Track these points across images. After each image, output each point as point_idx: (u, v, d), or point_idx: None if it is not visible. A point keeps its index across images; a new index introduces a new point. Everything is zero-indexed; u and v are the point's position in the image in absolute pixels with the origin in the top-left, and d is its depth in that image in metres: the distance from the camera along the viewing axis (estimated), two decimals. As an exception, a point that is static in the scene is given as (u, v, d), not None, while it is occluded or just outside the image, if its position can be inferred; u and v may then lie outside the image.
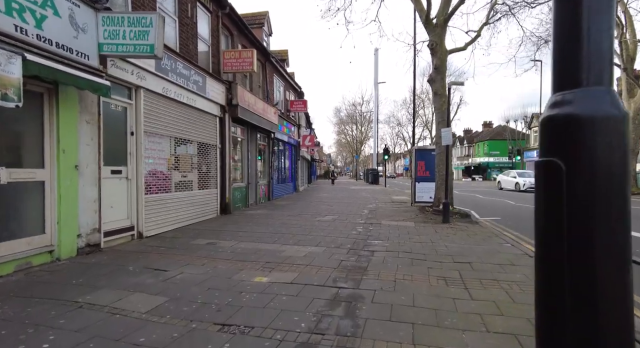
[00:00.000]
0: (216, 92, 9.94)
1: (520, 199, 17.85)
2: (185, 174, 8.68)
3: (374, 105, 42.91)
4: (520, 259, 5.70)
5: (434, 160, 12.09)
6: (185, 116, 8.57)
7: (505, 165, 54.20)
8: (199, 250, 6.07)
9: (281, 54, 22.60)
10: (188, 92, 8.46)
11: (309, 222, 9.44)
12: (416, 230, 8.30)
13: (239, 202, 11.95)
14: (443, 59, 10.74)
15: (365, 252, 6.08)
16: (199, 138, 9.30)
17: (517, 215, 11.94)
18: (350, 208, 13.10)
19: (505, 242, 7.10)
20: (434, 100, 11.00)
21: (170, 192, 8.00)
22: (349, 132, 66.07)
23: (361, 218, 10.32)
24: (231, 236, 7.33)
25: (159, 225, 7.41)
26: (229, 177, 10.77)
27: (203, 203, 9.43)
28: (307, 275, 4.69)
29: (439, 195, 11.01)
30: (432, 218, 10.11)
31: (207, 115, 9.67)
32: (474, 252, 6.21)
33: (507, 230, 8.98)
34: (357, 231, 8.15)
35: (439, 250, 6.33)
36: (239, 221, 9.40)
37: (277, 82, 17.46)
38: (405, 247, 6.54)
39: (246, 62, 10.53)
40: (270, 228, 8.34)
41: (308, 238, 7.22)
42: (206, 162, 9.86)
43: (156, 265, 5.03)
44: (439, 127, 10.84)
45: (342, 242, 6.91)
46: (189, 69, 8.42)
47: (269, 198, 15.43)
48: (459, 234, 7.92)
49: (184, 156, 8.66)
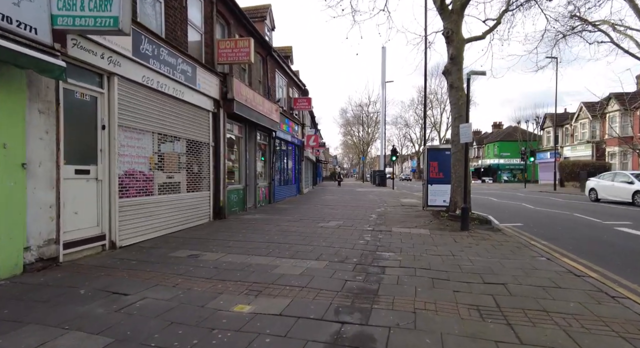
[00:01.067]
0: (209, 85, 9.01)
1: (542, 203, 16.66)
2: (172, 175, 7.75)
3: (381, 105, 41.83)
4: (565, 279, 4.64)
5: (449, 161, 11.03)
6: (172, 110, 7.64)
7: (516, 167, 52.71)
8: (176, 264, 5.11)
9: (285, 51, 21.70)
10: (175, 82, 7.54)
11: (311, 228, 8.45)
12: (432, 240, 7.27)
13: (235, 206, 11.01)
14: (460, 48, 9.70)
15: (374, 268, 5.07)
16: (188, 135, 8.37)
17: (539, 220, 10.83)
18: (356, 212, 12.08)
19: (539, 255, 6.04)
20: (450, 93, 9.97)
21: (153, 195, 7.07)
22: (355, 133, 65.12)
23: (369, 224, 9.30)
24: (219, 246, 6.36)
25: (137, 233, 6.47)
26: (223, 178, 9.83)
27: (193, 207, 8.49)
28: (302, 303, 3.70)
29: (456, 198, 9.95)
30: (449, 225, 9.06)
31: (198, 110, 8.75)
32: (505, 268, 5.16)
33: (535, 239, 7.92)
34: (365, 240, 7.14)
35: (463, 265, 5.30)
36: (232, 227, 8.44)
37: (279, 78, 16.53)
38: (422, 261, 5.51)
39: (242, 52, 9.61)
40: (266, 236, 7.37)
41: (308, 249, 6.23)
42: (197, 161, 8.93)
43: (116, 287, 4.07)
44: (456, 123, 9.79)
45: (347, 254, 5.90)
46: (176, 57, 7.50)
47: (269, 201, 14.47)
48: (482, 245, 6.87)
49: (170, 155, 7.74)
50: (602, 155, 33.05)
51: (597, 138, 33.83)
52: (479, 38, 10.13)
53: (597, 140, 33.71)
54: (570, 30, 20.13)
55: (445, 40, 9.82)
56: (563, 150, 38.10)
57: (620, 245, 7.22)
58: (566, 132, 38.98)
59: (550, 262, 5.57)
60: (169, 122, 7.58)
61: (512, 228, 9.31)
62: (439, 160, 12.36)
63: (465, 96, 9.58)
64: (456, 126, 9.73)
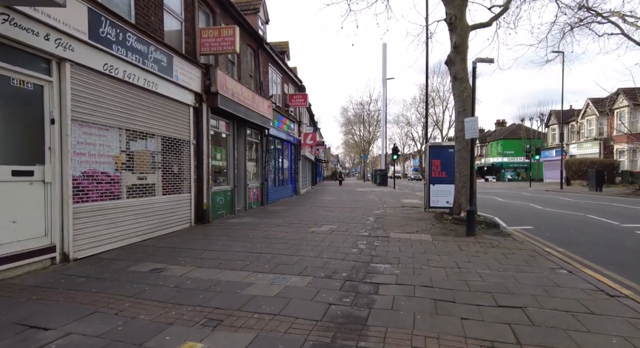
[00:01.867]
0: (188, 77, 8.21)
1: (550, 203, 15.79)
2: (144, 176, 6.96)
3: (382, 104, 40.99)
4: (598, 301, 3.82)
5: (452, 159, 10.20)
6: (143, 103, 6.86)
7: (520, 165, 51.71)
8: (131, 282, 4.32)
9: (281, 46, 20.90)
10: (146, 73, 6.75)
11: (300, 234, 7.65)
12: (435, 248, 6.45)
13: (222, 209, 10.21)
14: (464, 36, 8.87)
15: (366, 286, 4.27)
16: (164, 131, 7.59)
17: (550, 222, 9.99)
18: (353, 214, 11.28)
19: (558, 267, 5.22)
20: (454, 85, 9.14)
21: (120, 198, 6.28)
22: (356, 132, 64.30)
23: (365, 228, 8.49)
24: (191, 257, 5.57)
25: (98, 243, 5.69)
26: (207, 179, 9.04)
27: (169, 212, 7.70)
28: (269, 339, 2.90)
29: (460, 200, 9.12)
30: (453, 229, 8.23)
31: (176, 104, 7.96)
32: (522, 285, 4.35)
33: (549, 245, 7.10)
34: (359, 248, 6.34)
35: (471, 281, 4.49)
36: (212, 234, 7.65)
37: (273, 73, 15.71)
38: (423, 276, 4.70)
39: (227, 42, 8.81)
40: (247, 244, 6.57)
41: (291, 260, 5.42)
42: (177, 161, 8.15)
43: (39, 318, 3.28)
44: (460, 118, 8.96)
45: (336, 267, 5.10)
46: (147, 45, 6.71)
47: (262, 203, 13.67)
48: (491, 253, 6.05)
49: (142, 153, 6.95)
50: (609, 153, 32.07)
51: (605, 135, 32.85)
52: (485, 25, 9.29)
53: (605, 137, 32.72)
54: (579, 22, 19.30)
55: (448, 27, 8.99)
56: (569, 147, 37.12)
57: (649, 253, 6.38)
58: (572, 129, 37.98)
59: (573, 276, 4.75)
60: (140, 117, 6.79)
61: (522, 232, 8.48)
62: (442, 158, 11.53)
63: (470, 88, 8.75)
64: (460, 121, 8.90)
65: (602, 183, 23.13)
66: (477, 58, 7.18)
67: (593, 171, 23.87)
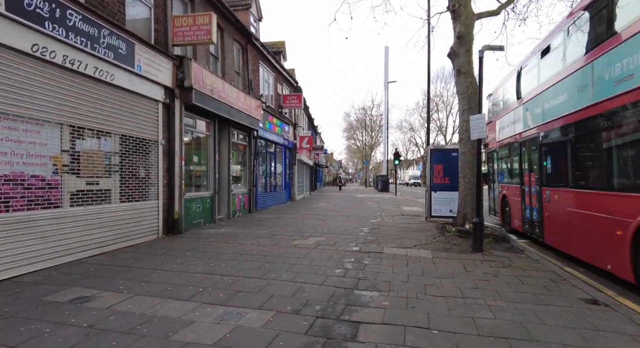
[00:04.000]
0: (156, 69, 7.26)
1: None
2: (95, 180, 5.98)
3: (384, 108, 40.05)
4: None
5: (456, 163, 9.17)
6: (94, 96, 5.89)
7: (526, 172, 50.35)
8: (33, 320, 3.30)
9: (277, 46, 20.02)
10: (97, 60, 5.80)
11: (280, 249, 6.61)
12: (435, 268, 5.39)
13: (199, 217, 9.19)
14: (468, 25, 7.87)
15: (342, 328, 3.22)
16: (124, 130, 6.61)
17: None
18: (347, 224, 10.22)
19: (590, 297, 4.16)
20: (458, 81, 8.12)
21: (60, 206, 5.29)
22: (359, 137, 63.34)
23: (357, 241, 7.44)
24: (134, 280, 4.55)
25: (22, 262, 4.69)
26: (179, 184, 8.04)
27: (130, 222, 6.70)
28: None
29: (465, 209, 8.05)
30: (457, 244, 7.16)
31: (140, 99, 7.00)
32: (547, 326, 3.29)
33: (570, 264, 6.01)
34: (344, 268, 5.29)
35: (480, 320, 3.43)
36: (177, 248, 6.62)
37: (264, 71, 14.78)
38: (418, 311, 3.65)
39: (202, 31, 7.87)
40: (211, 262, 5.54)
41: (257, 286, 4.39)
42: (143, 163, 7.17)
43: None
44: (464, 117, 7.93)
45: (309, 296, 4.05)
46: (99, 28, 5.76)
47: (249, 210, 12.64)
48: (503, 276, 4.99)
49: (93, 154, 5.97)
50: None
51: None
52: (492, 13, 8.28)
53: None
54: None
55: (452, 16, 8.00)
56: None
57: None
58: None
59: (613, 313, 3.67)
60: (90, 111, 5.82)
61: (535, 247, 7.39)
62: (444, 162, 10.50)
63: (476, 83, 7.73)
64: (465, 120, 7.87)
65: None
66: (485, 45, 6.18)
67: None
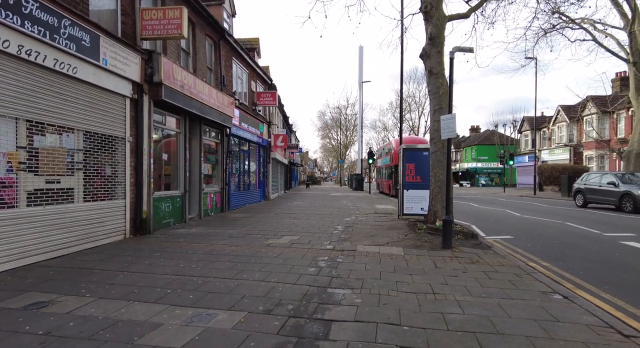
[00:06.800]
0: (124, 63, 6.97)
1: (527, 210, 15.30)
2: (56, 179, 5.67)
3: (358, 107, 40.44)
4: (611, 345, 2.93)
5: (427, 162, 9.38)
6: (54, 89, 5.58)
7: (494, 171, 52.36)
8: (-16, 328, 3.09)
9: (251, 42, 19.76)
10: (57, 51, 5.49)
11: (253, 248, 6.53)
12: (406, 264, 5.49)
13: (168, 217, 8.92)
14: (440, 26, 8.06)
15: (314, 327, 3.22)
16: (88, 126, 6.31)
17: (530, 231, 9.29)
18: (322, 222, 10.24)
19: (550, 290, 4.36)
20: (429, 81, 8.29)
21: (15, 206, 4.98)
22: (334, 136, 63.68)
23: (331, 240, 7.46)
24: (98, 283, 4.35)
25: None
26: (147, 183, 7.77)
27: (95, 222, 6.41)
28: None
29: (435, 207, 8.25)
30: (427, 241, 7.33)
31: (105, 94, 6.69)
32: (512, 319, 3.42)
33: (533, 259, 6.31)
34: (317, 267, 5.29)
35: (449, 315, 3.52)
36: (145, 248, 6.40)
37: (237, 68, 14.53)
38: (389, 307, 3.70)
39: (172, 25, 7.62)
40: (181, 263, 5.39)
41: (227, 287, 4.30)
42: (109, 161, 6.87)
43: None
44: (435, 117, 8.12)
45: (282, 296, 4.02)
46: (59, 17, 5.45)
47: (222, 210, 12.40)
48: (471, 271, 5.16)
49: (54, 151, 5.65)
50: (579, 159, 32.60)
51: (575, 141, 33.42)
52: (463, 16, 8.53)
53: (575, 144, 33.28)
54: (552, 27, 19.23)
55: (424, 17, 8.16)
56: (541, 153, 37.63)
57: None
58: (544, 136, 38.58)
59: (571, 305, 3.87)
60: (51, 106, 5.50)
61: (502, 243, 7.69)
62: (416, 161, 10.72)
63: (447, 84, 7.94)
64: (436, 120, 8.06)
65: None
66: (455, 47, 6.34)
67: (565, 177, 23.91)
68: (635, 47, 18.39)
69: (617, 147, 23.91)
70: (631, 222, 11.16)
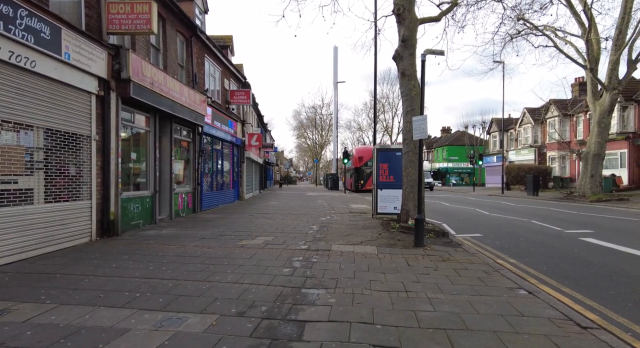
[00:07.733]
0: (88, 58, 6.66)
1: (495, 208, 15.88)
2: (13, 179, 5.34)
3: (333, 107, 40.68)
4: (569, 336, 3.09)
5: (400, 163, 9.55)
6: (10, 84, 5.25)
7: (464, 171, 54.06)
8: None
9: (224, 40, 19.43)
10: (13, 43, 5.17)
11: (226, 250, 6.41)
12: (380, 263, 5.57)
13: (138, 218, 8.61)
14: (412, 29, 8.22)
15: (288, 328, 3.19)
16: (50, 123, 5.99)
17: (498, 229, 9.65)
18: (297, 222, 10.21)
19: (517, 286, 4.54)
20: (401, 83, 8.45)
21: (-33, 209, 4.64)
22: (309, 135, 63.72)
23: (306, 240, 7.45)
24: (60, 288, 4.13)
25: None
26: (115, 183, 7.47)
27: (57, 224, 6.09)
28: None
29: (408, 206, 8.42)
30: (400, 239, 7.46)
31: (68, 90, 6.37)
32: (480, 316, 3.53)
33: (501, 256, 6.56)
34: (292, 267, 5.26)
35: (421, 312, 3.59)
36: (113, 251, 6.15)
37: (210, 66, 14.24)
38: (362, 306, 3.73)
39: (141, 20, 7.36)
40: (151, 266, 5.21)
41: (199, 289, 4.20)
42: (73, 160, 6.54)
43: None
44: (408, 118, 8.28)
45: (255, 297, 3.97)
46: (14, 6, 5.14)
47: (194, 210, 12.11)
48: (443, 269, 5.29)
49: (10, 150, 5.33)
50: (543, 160, 34.20)
51: (539, 142, 35.03)
52: (434, 19, 8.75)
53: (539, 145, 34.89)
54: (517, 33, 20.09)
55: (396, 19, 8.30)
56: (508, 154, 39.21)
57: (598, 264, 5.98)
58: (511, 137, 40.22)
59: (535, 299, 4.04)
60: (6, 102, 5.18)
61: (472, 242, 7.94)
62: (389, 162, 10.89)
63: (419, 86, 8.10)
64: (408, 121, 8.22)
65: (538, 188, 24.30)
66: (427, 49, 6.49)
67: (530, 176, 25.00)
68: (592, 55, 19.50)
69: (577, 148, 25.29)
70: (590, 219, 11.82)
